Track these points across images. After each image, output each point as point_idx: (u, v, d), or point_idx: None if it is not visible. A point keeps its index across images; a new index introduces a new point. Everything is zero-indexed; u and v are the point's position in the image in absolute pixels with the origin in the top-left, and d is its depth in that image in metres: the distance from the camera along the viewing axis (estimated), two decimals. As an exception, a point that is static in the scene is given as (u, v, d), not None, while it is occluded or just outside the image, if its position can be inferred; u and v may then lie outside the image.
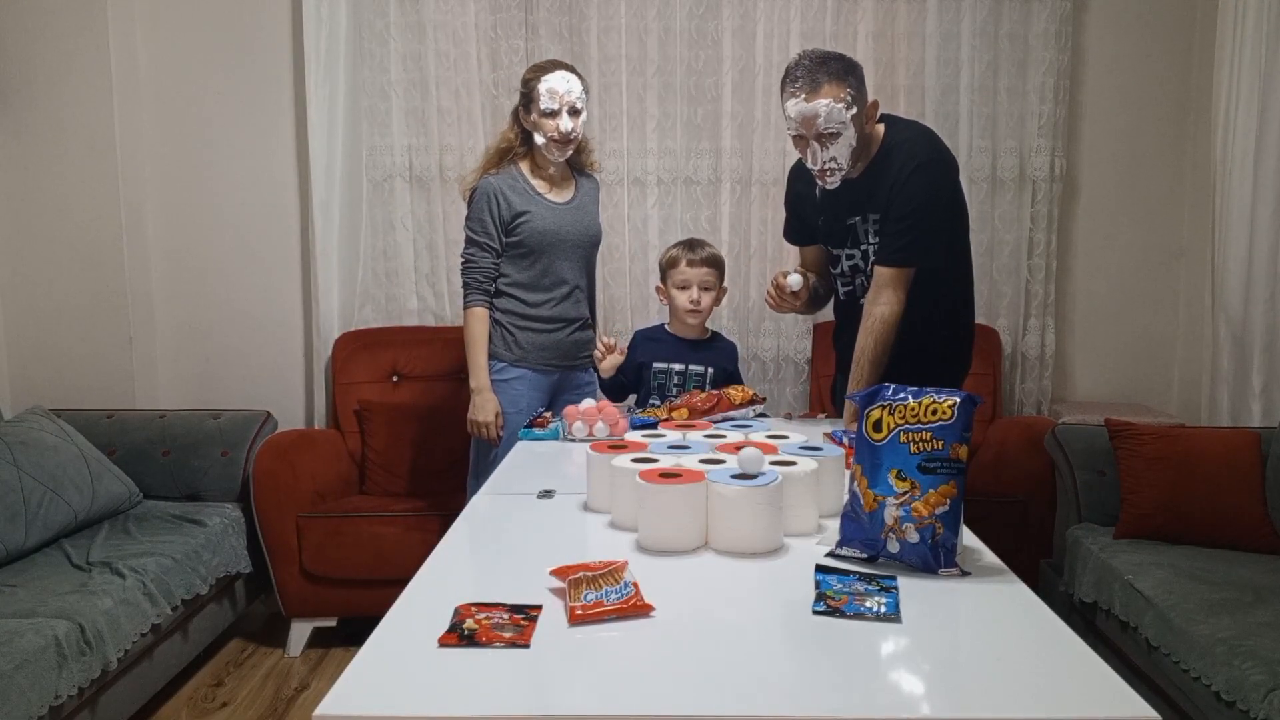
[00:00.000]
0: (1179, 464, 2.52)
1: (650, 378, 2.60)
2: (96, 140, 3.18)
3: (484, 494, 1.82)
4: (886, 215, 2.19)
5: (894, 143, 2.20)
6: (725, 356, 2.67)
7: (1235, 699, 1.82)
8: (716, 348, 2.68)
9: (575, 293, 2.68)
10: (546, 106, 2.50)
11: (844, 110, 2.09)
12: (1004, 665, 1.11)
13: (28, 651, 1.92)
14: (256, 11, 3.33)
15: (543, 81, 2.51)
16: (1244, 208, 3.05)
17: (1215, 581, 2.20)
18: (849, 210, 2.26)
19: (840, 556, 1.44)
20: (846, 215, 2.27)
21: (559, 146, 2.55)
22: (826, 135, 2.11)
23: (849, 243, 2.30)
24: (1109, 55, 3.42)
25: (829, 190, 2.26)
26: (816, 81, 2.09)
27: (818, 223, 2.38)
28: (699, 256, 2.58)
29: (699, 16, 3.31)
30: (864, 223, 2.25)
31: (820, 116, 2.09)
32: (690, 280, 2.57)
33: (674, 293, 2.60)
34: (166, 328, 3.43)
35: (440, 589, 1.30)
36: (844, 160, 2.15)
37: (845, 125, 2.10)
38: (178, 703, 2.61)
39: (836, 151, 2.13)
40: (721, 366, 2.63)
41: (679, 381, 2.58)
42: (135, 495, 2.86)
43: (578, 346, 2.72)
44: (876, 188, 2.20)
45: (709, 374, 2.59)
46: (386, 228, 3.40)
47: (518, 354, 2.63)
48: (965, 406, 1.41)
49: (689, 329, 2.62)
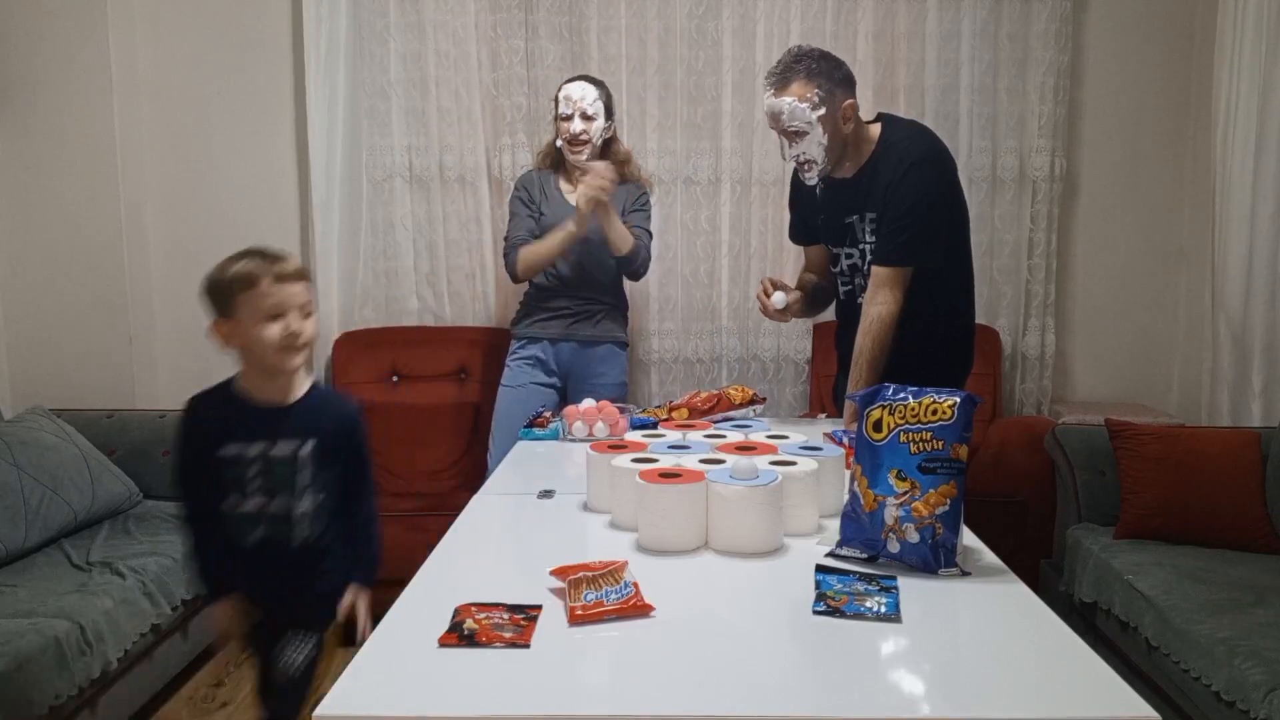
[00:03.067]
0: (1179, 464, 2.52)
1: (220, 469, 1.58)
2: (96, 140, 3.18)
3: (484, 494, 1.82)
4: (883, 215, 2.19)
5: (890, 142, 2.20)
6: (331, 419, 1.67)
7: (1235, 699, 1.82)
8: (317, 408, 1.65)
9: (580, 285, 2.84)
10: (562, 111, 2.76)
11: (808, 110, 2.12)
12: (1004, 665, 1.11)
13: (28, 651, 1.92)
14: (256, 11, 3.33)
15: (563, 89, 2.78)
16: (1244, 208, 3.05)
17: (1215, 581, 2.20)
18: (846, 209, 2.27)
19: (840, 556, 1.44)
20: (844, 214, 2.28)
21: (570, 147, 2.76)
22: (791, 132, 2.15)
23: (847, 241, 2.30)
24: (1109, 55, 3.42)
25: (828, 189, 2.26)
26: (785, 79, 2.14)
27: (818, 221, 2.39)
28: (290, 269, 1.58)
29: (699, 16, 3.31)
30: (861, 222, 2.25)
31: (784, 113, 2.14)
32: (284, 304, 1.56)
33: (254, 328, 1.55)
34: (166, 328, 3.43)
35: (440, 589, 1.30)
36: (816, 156, 2.16)
37: (810, 125, 2.13)
38: (178, 703, 2.61)
39: (805, 148, 2.16)
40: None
41: (260, 471, 1.57)
42: (135, 495, 2.86)
43: (582, 329, 2.87)
44: (873, 187, 2.20)
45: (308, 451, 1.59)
46: (386, 228, 3.40)
47: (530, 330, 2.87)
48: (965, 406, 1.41)
49: (274, 385, 1.62)
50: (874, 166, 2.21)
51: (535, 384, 2.83)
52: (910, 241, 2.16)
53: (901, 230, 2.16)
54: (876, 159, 2.21)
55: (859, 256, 2.29)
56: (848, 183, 2.24)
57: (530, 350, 2.86)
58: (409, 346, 3.35)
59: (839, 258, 2.35)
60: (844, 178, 2.24)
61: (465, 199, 3.37)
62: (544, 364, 2.85)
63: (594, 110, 2.74)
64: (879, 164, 2.20)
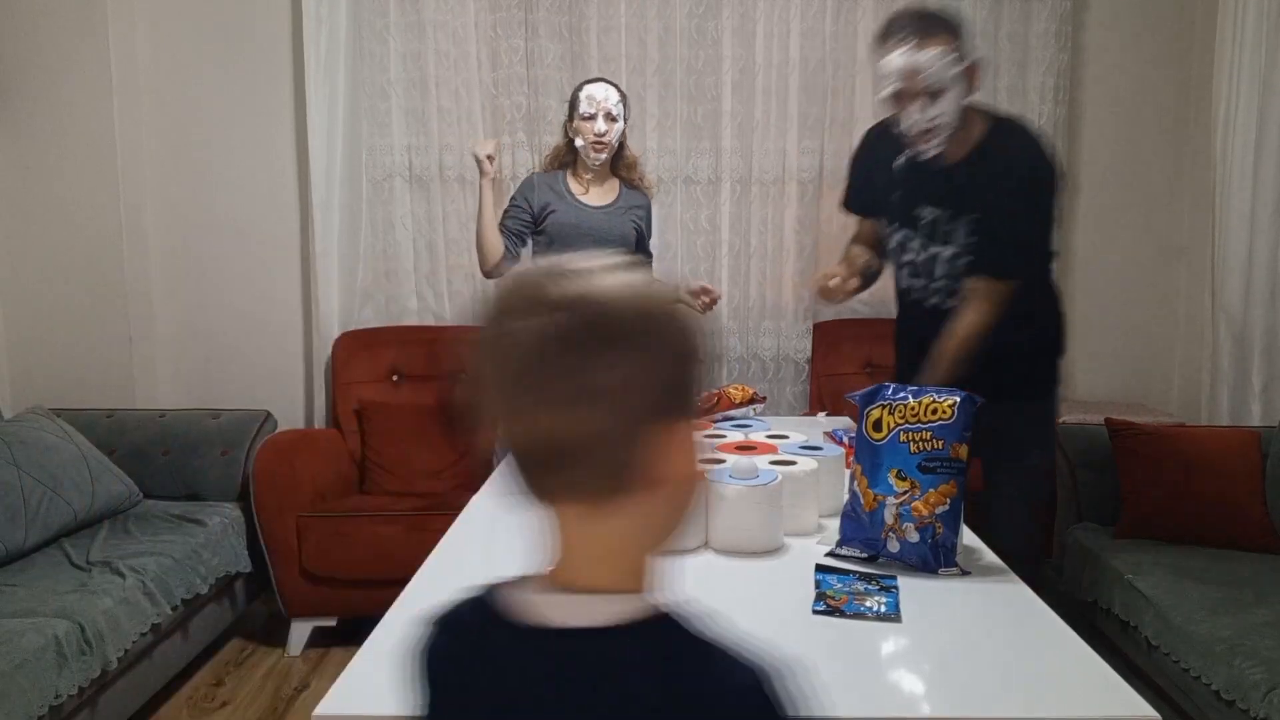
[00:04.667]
0: (1179, 464, 2.52)
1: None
2: (96, 140, 3.18)
3: (484, 494, 1.82)
4: (991, 224, 2.00)
5: (1002, 144, 2.02)
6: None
7: (1235, 698, 1.82)
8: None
9: None
10: (584, 111, 2.72)
11: (953, 64, 1.91)
12: (1004, 665, 1.11)
13: (28, 651, 1.92)
14: (256, 11, 3.33)
15: (584, 90, 2.76)
16: (1244, 207, 3.05)
17: (1215, 581, 2.21)
18: (932, 199, 2.05)
19: (840, 556, 1.44)
20: (926, 203, 2.06)
21: (594, 148, 2.75)
22: (932, 90, 1.91)
23: (924, 234, 2.08)
24: (1109, 55, 3.42)
25: (911, 169, 2.05)
26: (929, 31, 1.92)
27: (890, 198, 2.14)
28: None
29: (699, 16, 3.31)
30: (952, 221, 2.03)
31: (929, 69, 1.90)
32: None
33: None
34: (166, 328, 3.43)
35: (440, 589, 1.30)
36: (950, 119, 1.94)
37: (952, 81, 1.92)
38: (178, 703, 2.61)
39: (942, 109, 1.92)
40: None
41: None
42: (135, 495, 2.86)
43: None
44: (974, 186, 1.99)
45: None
46: (386, 228, 3.40)
47: None
48: (965, 406, 1.41)
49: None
50: (979, 163, 2.00)
51: None
52: (1020, 256, 2.02)
53: (1019, 247, 2.02)
54: (986, 155, 2.00)
55: (936, 253, 2.07)
56: (941, 170, 2.01)
57: None
58: (409, 346, 3.35)
59: (907, 246, 2.12)
60: (937, 161, 2.01)
61: (465, 199, 3.36)
62: None
63: (617, 112, 2.75)
64: (990, 162, 1.99)
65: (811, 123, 3.34)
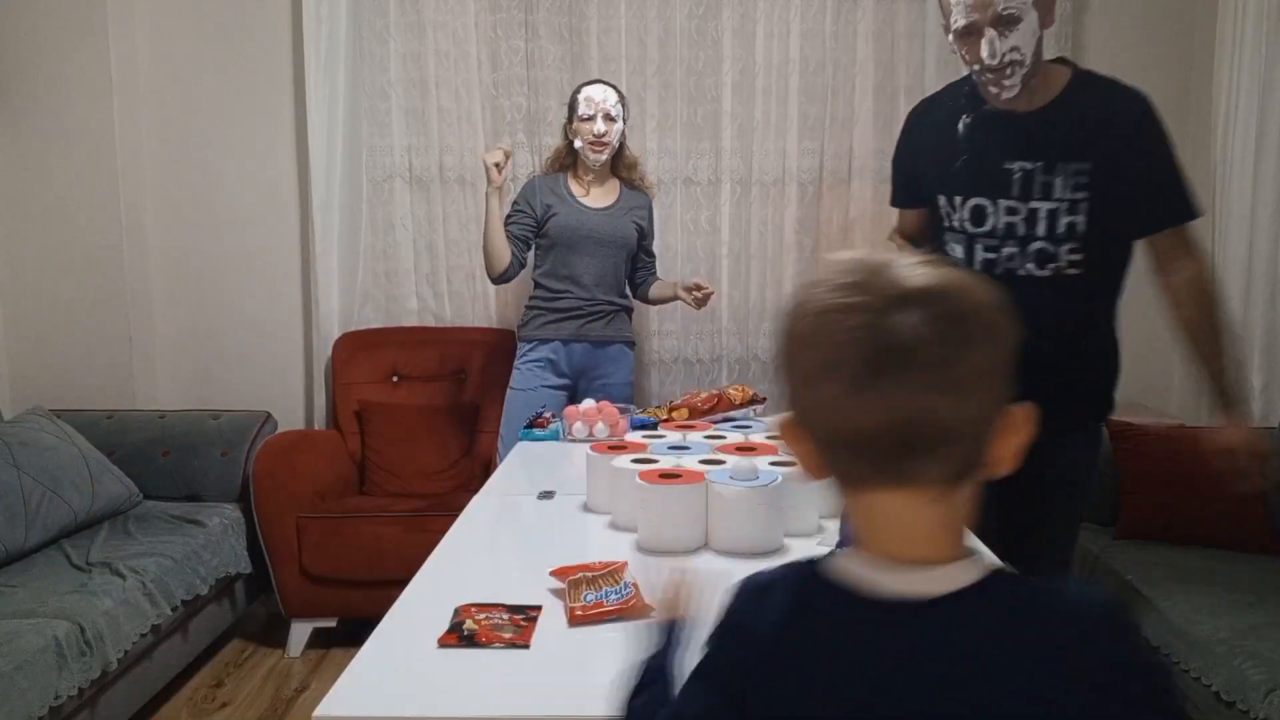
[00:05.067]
0: (1179, 464, 2.52)
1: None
2: (96, 140, 3.18)
3: (484, 494, 1.82)
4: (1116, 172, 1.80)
5: (1093, 80, 1.86)
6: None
7: (1235, 699, 1.82)
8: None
9: (592, 289, 2.85)
10: (583, 112, 2.77)
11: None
12: (1004, 665, 1.11)
13: (28, 651, 1.92)
14: (256, 12, 3.33)
15: (582, 91, 2.81)
16: (1244, 208, 3.05)
17: (1215, 581, 2.21)
18: (1018, 152, 1.84)
19: (840, 557, 1.44)
20: (1011, 158, 1.84)
21: (594, 149, 2.78)
22: (1006, 19, 1.75)
23: (1007, 192, 1.85)
24: (1109, 55, 3.41)
25: (980, 124, 1.88)
26: None
27: (953, 167, 1.92)
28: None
29: (699, 16, 3.31)
30: (1047, 172, 1.82)
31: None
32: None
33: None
34: (166, 328, 3.43)
35: (440, 589, 1.30)
36: (1026, 56, 1.76)
37: (1028, 7, 1.75)
38: (178, 703, 2.61)
39: (1018, 41, 1.75)
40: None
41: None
42: (135, 496, 2.86)
43: (595, 328, 2.88)
44: (1074, 130, 1.81)
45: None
46: (386, 228, 3.40)
47: (542, 332, 2.86)
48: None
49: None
50: (1070, 106, 1.83)
51: (546, 387, 2.82)
52: (1188, 189, 1.84)
53: (1175, 182, 1.83)
54: (1074, 96, 1.83)
55: (1035, 209, 1.84)
56: (1023, 119, 1.84)
57: (541, 352, 2.85)
58: (409, 346, 3.35)
59: (981, 214, 1.88)
60: (1016, 110, 1.83)
61: (465, 199, 3.36)
62: (555, 365, 2.84)
63: (615, 112, 2.79)
64: (1079, 104, 1.82)
65: (812, 123, 3.34)
